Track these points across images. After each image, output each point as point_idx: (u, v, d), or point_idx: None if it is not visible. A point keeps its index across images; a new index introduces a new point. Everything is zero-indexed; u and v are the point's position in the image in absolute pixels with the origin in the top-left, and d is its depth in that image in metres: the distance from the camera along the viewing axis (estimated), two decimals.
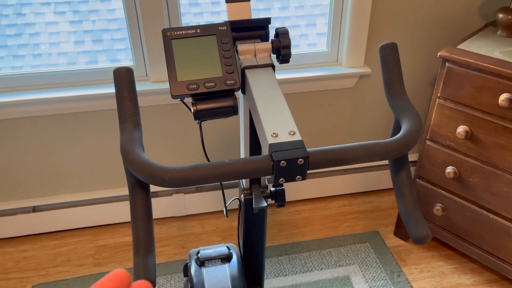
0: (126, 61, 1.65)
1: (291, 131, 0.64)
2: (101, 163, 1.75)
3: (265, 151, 0.64)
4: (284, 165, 0.60)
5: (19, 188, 1.74)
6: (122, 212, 1.87)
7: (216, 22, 1.72)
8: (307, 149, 0.61)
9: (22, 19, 1.55)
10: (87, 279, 1.66)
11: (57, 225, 1.84)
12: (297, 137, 0.63)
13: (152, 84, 1.60)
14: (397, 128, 0.73)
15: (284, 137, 0.63)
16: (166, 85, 1.60)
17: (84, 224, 1.86)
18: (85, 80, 1.59)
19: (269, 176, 0.72)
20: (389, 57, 0.73)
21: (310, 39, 1.78)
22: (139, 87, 1.59)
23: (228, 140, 1.80)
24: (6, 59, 1.58)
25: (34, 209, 1.79)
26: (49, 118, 1.61)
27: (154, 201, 1.86)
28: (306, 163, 0.60)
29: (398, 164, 0.72)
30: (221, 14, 1.76)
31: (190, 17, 1.67)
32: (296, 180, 0.62)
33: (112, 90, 1.58)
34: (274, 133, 0.63)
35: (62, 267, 1.71)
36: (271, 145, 0.61)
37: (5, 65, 1.58)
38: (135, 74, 1.61)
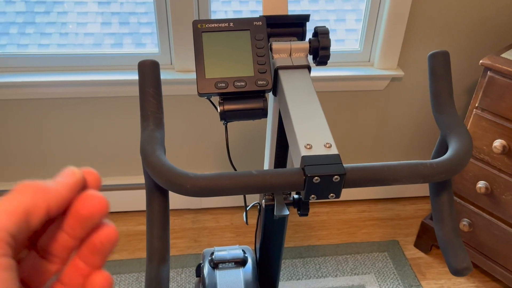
0: (151, 46, 1.61)
1: (327, 143, 0.58)
2: (119, 149, 1.72)
3: (296, 163, 0.59)
4: (317, 181, 0.54)
5: (37, 168, 1.73)
6: (136, 200, 1.84)
7: (240, 11, 1.68)
8: (344, 165, 0.55)
9: None
10: None
11: None
12: (334, 150, 0.57)
13: (176, 73, 1.55)
14: (442, 147, 0.66)
15: (319, 150, 0.57)
16: (191, 75, 1.55)
17: None
18: (109, 65, 1.56)
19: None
20: (440, 67, 0.66)
21: (338, 34, 1.71)
22: (163, 75, 1.54)
23: (252, 141, 1.74)
24: (33, 36, 1.56)
25: None
26: (70, 101, 1.59)
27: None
28: (342, 181, 0.55)
29: (440, 185, 0.65)
30: (249, 3, 1.70)
31: (218, 4, 1.62)
32: (328, 198, 0.56)
33: (134, 77, 1.54)
34: (308, 144, 0.58)
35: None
36: (304, 158, 0.56)
37: (33, 41, 1.56)
38: (160, 61, 1.56)
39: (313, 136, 0.59)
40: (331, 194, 0.56)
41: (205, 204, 1.90)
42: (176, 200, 1.87)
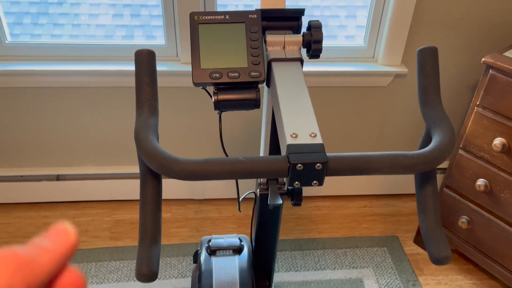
0: (161, 38, 1.64)
1: (312, 132, 0.60)
2: (126, 139, 1.76)
3: (283, 151, 0.61)
4: (300, 168, 0.56)
5: (46, 155, 1.78)
6: None
7: (251, 5, 1.70)
8: (327, 154, 0.58)
9: None
10: (101, 251, 1.69)
11: (78, 195, 1.87)
12: (318, 140, 0.59)
13: (181, 65, 1.58)
14: (427, 140, 0.68)
15: (304, 139, 0.59)
16: None
17: (104, 197, 1.89)
18: (120, 55, 1.59)
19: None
20: (428, 62, 0.68)
21: (348, 31, 1.72)
22: (168, 67, 1.57)
23: (251, 131, 1.77)
24: (46, 26, 1.59)
25: (58, 178, 1.83)
26: (81, 90, 1.63)
27: (174, 181, 1.86)
28: (324, 169, 0.57)
29: (425, 177, 0.67)
30: None
31: None
32: (312, 185, 0.58)
33: None
34: (293, 133, 0.60)
35: (79, 236, 1.75)
36: (289, 146, 0.58)
37: (45, 32, 1.59)
38: (166, 53, 1.60)
39: (299, 126, 0.61)
40: (314, 182, 0.58)
41: (208, 195, 1.93)
42: (180, 190, 1.90)
